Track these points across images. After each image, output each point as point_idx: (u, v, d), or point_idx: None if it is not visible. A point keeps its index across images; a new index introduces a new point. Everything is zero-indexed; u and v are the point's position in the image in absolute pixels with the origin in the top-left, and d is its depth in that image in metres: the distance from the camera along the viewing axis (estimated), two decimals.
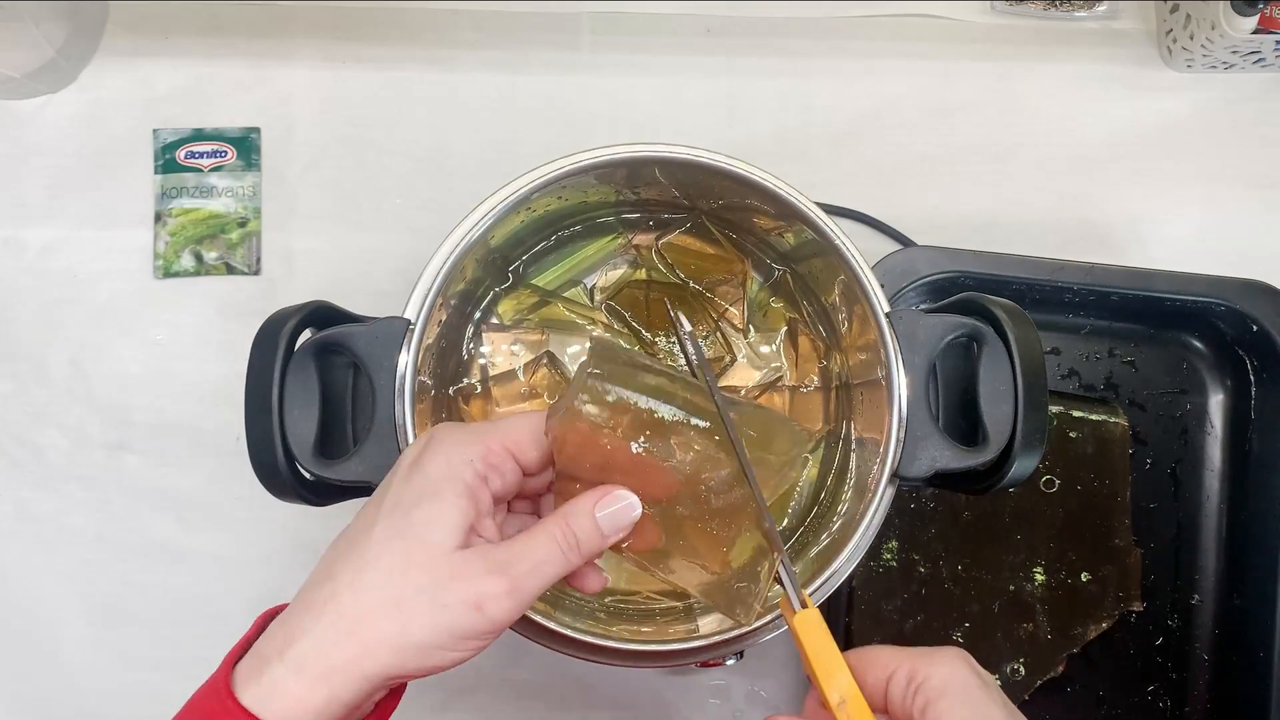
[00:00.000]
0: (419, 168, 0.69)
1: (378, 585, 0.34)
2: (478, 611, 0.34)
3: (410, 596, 0.34)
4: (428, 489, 0.35)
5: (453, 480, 0.35)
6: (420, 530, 0.34)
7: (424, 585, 0.34)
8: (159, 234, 0.68)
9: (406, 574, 0.34)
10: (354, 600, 0.34)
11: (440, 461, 0.36)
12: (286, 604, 0.37)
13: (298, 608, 0.35)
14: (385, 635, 0.34)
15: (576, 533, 0.36)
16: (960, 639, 0.62)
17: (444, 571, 0.34)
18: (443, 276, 0.47)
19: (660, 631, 0.49)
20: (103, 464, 0.66)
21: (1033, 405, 0.44)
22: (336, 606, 0.34)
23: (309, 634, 0.34)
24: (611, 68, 0.71)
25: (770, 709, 0.64)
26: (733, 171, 0.49)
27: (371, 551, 0.35)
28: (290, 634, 0.34)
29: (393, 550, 0.34)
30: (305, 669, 0.33)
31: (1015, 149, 0.71)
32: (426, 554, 0.34)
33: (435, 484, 0.35)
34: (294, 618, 0.35)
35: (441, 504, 0.35)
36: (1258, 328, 0.61)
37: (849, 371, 0.54)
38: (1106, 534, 0.63)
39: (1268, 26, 0.64)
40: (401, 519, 0.35)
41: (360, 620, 0.34)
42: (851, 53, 0.72)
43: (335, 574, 0.35)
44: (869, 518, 0.46)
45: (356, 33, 0.71)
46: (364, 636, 0.34)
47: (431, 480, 0.35)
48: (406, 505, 0.35)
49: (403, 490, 0.36)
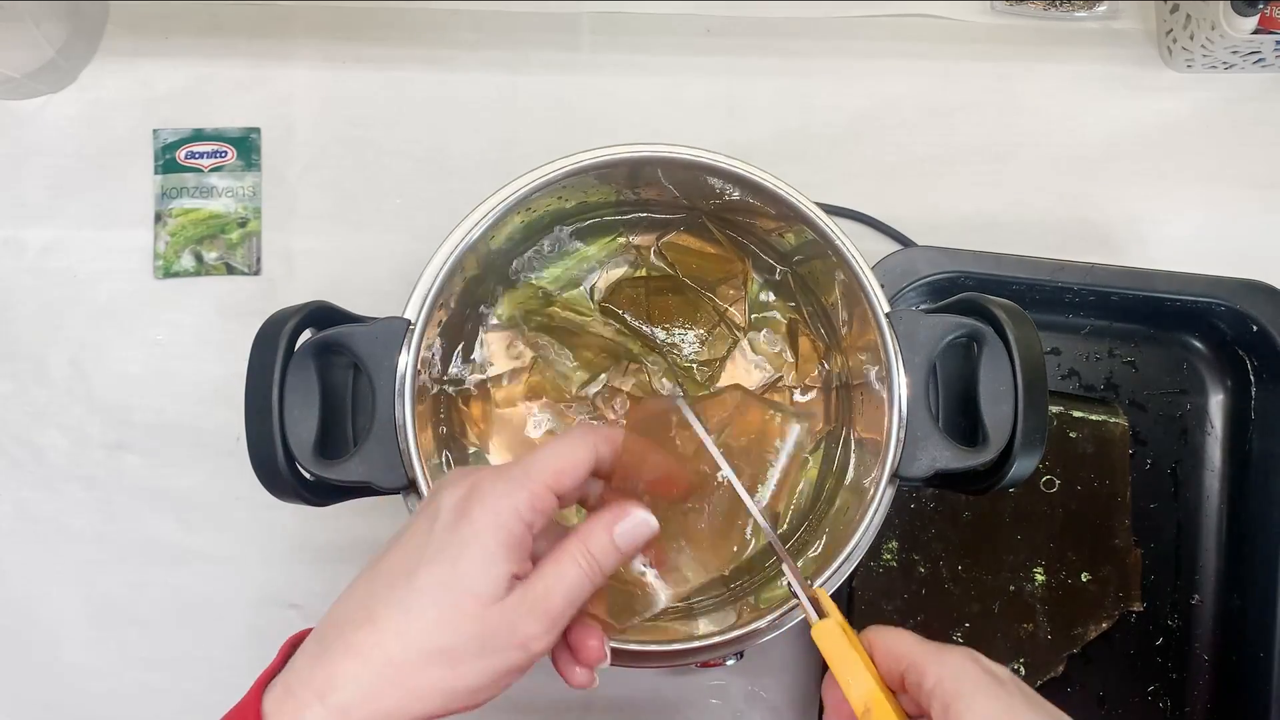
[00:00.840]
0: (419, 168, 0.69)
1: (427, 633, 0.35)
2: (523, 650, 0.36)
3: (460, 646, 0.35)
4: (474, 541, 0.36)
5: (498, 530, 0.36)
6: (469, 583, 0.35)
7: (474, 634, 0.35)
8: (159, 234, 0.68)
9: (457, 625, 0.35)
10: (402, 648, 0.34)
11: (488, 514, 0.36)
12: (310, 629, 0.37)
13: (338, 649, 0.35)
14: (435, 682, 0.35)
15: (596, 554, 0.37)
16: (960, 639, 0.62)
17: (493, 622, 0.35)
18: (443, 276, 0.47)
19: (661, 632, 0.49)
20: (103, 464, 0.66)
21: (1033, 405, 0.44)
22: (384, 654, 0.34)
23: (356, 680, 0.34)
24: (611, 68, 0.71)
25: (770, 709, 0.64)
26: (733, 171, 0.49)
27: (418, 600, 0.35)
28: (331, 678, 0.34)
29: (440, 602, 0.35)
30: (349, 714, 0.34)
31: (1015, 149, 0.71)
32: (476, 605, 0.35)
33: (482, 536, 0.36)
34: (336, 661, 0.35)
35: (489, 556, 0.35)
36: (1258, 328, 0.61)
37: (849, 371, 0.54)
38: (1106, 534, 0.63)
39: (1268, 26, 0.64)
40: (449, 569, 0.35)
41: (410, 669, 0.34)
42: (851, 53, 0.72)
43: (378, 618, 0.35)
44: (869, 518, 0.46)
45: (356, 33, 0.71)
46: (414, 684, 0.34)
47: (478, 532, 0.36)
48: (453, 555, 0.35)
49: (448, 538, 0.36)
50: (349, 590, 0.37)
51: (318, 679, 0.34)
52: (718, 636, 0.45)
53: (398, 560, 0.36)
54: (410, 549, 0.36)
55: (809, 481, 0.55)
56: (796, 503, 0.55)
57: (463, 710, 0.36)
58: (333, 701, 0.34)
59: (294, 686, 0.35)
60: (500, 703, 0.65)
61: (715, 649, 0.45)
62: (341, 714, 0.34)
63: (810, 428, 0.55)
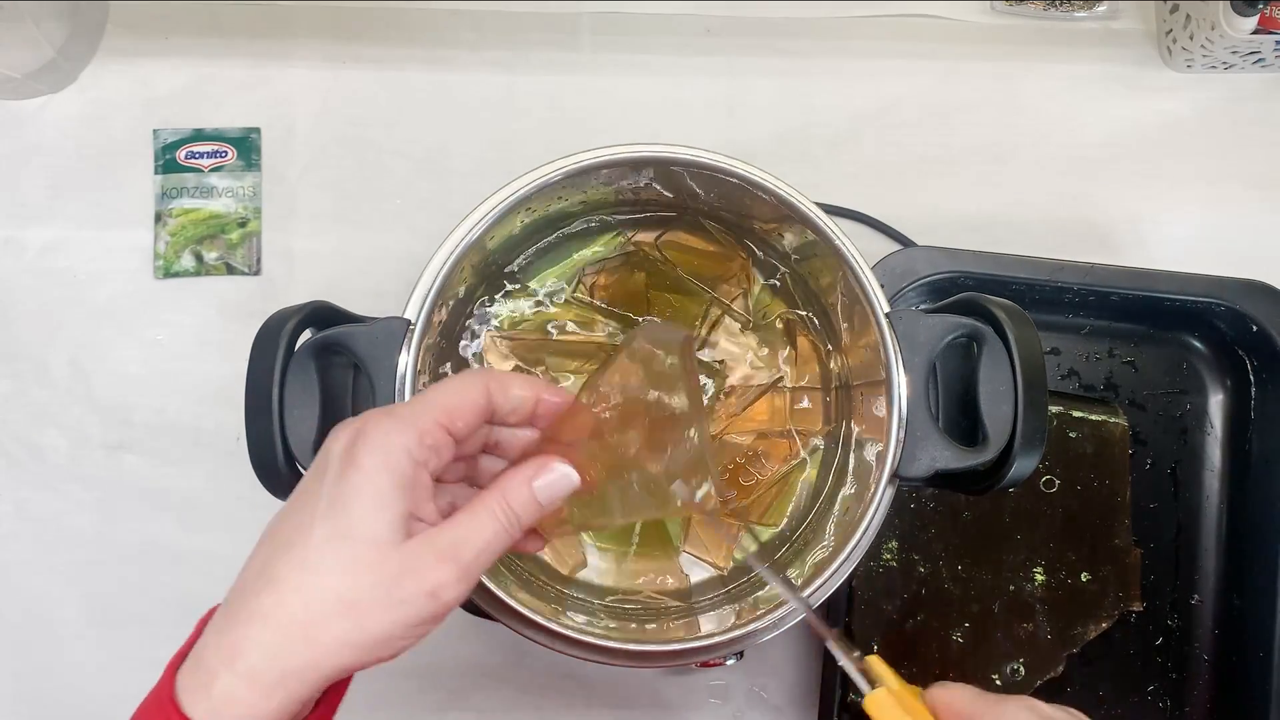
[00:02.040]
0: (419, 168, 0.69)
1: (328, 587, 0.34)
2: (432, 599, 0.34)
3: (365, 596, 0.34)
4: (365, 485, 0.35)
5: (390, 472, 0.35)
6: (364, 529, 0.34)
7: (377, 582, 0.34)
8: (159, 234, 0.68)
9: (357, 574, 0.34)
10: (304, 605, 0.34)
11: (376, 455, 0.35)
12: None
13: (241, 615, 0.35)
14: (342, 635, 0.34)
15: (515, 508, 0.36)
16: (960, 639, 0.62)
17: (394, 567, 0.34)
18: (442, 277, 0.47)
19: (661, 632, 0.49)
20: (103, 464, 0.66)
21: (1033, 405, 0.44)
22: (288, 613, 0.34)
23: (259, 644, 0.34)
24: (611, 68, 0.71)
25: (770, 709, 0.64)
26: (733, 171, 0.49)
27: (315, 554, 0.34)
28: (237, 644, 0.34)
29: (338, 551, 0.34)
30: (258, 677, 0.33)
31: (1015, 149, 0.71)
32: (375, 552, 0.34)
33: (372, 479, 0.35)
34: (239, 627, 0.34)
35: (381, 499, 0.35)
36: (1258, 328, 0.61)
37: (849, 372, 0.54)
38: (1106, 534, 0.63)
39: (1268, 26, 0.64)
40: (342, 519, 0.34)
41: (314, 624, 0.34)
42: (851, 53, 0.72)
43: (278, 577, 0.34)
44: (869, 518, 0.46)
45: (356, 33, 0.71)
46: (320, 639, 0.34)
47: (368, 475, 0.35)
48: (345, 503, 0.35)
49: (339, 488, 0.35)
50: (251, 557, 0.36)
51: (225, 647, 0.34)
52: (718, 636, 0.45)
53: (293, 519, 0.36)
54: (304, 505, 0.36)
55: (808, 482, 0.55)
56: (796, 503, 0.55)
57: (378, 661, 0.35)
58: (240, 667, 0.33)
59: (204, 658, 0.34)
60: (501, 702, 0.65)
61: (715, 649, 0.45)
62: (250, 678, 0.33)
63: (802, 467, 0.55)
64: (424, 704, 0.64)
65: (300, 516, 0.35)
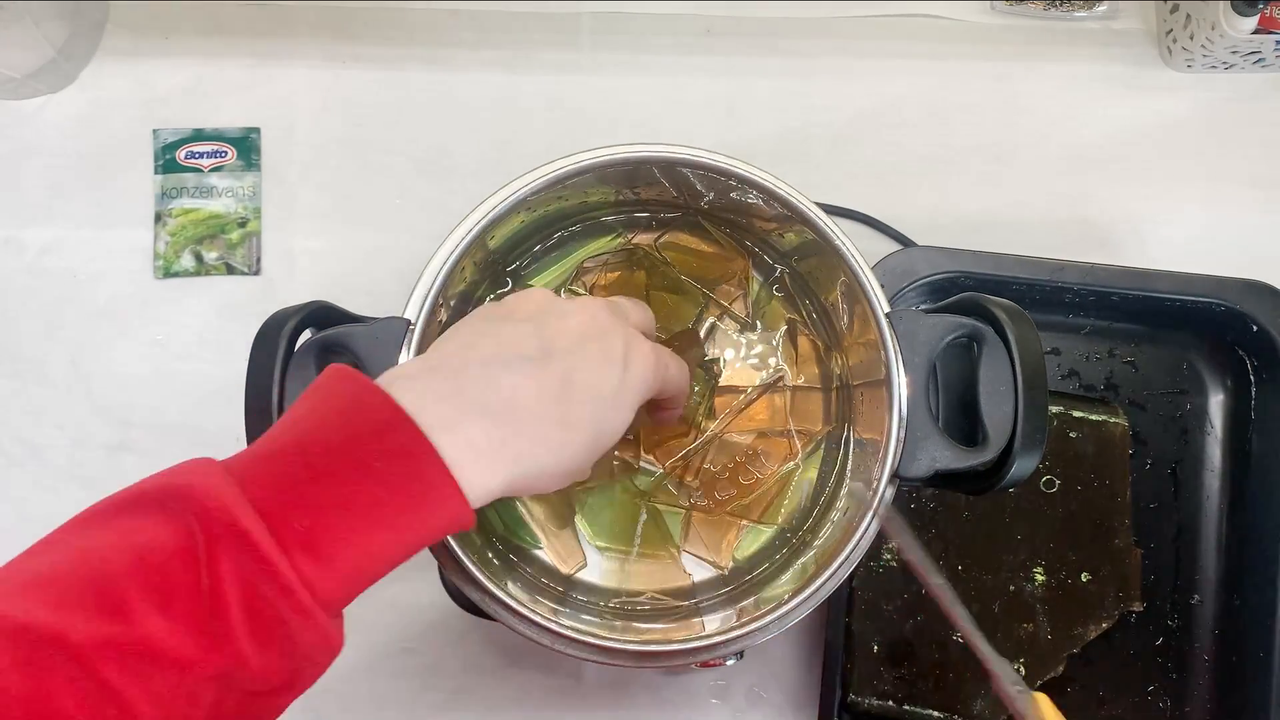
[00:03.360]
0: (419, 168, 0.69)
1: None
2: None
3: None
4: (634, 399, 0.40)
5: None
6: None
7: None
8: (159, 234, 0.68)
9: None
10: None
11: (643, 389, 0.41)
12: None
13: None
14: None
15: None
16: (960, 639, 0.62)
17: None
18: (442, 277, 0.47)
19: (665, 632, 0.49)
20: (103, 464, 0.66)
21: (1033, 405, 0.44)
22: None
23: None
24: (611, 68, 0.71)
25: (771, 709, 0.64)
26: (733, 171, 0.49)
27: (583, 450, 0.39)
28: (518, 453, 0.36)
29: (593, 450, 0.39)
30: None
31: (1015, 149, 0.71)
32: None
33: (638, 397, 0.41)
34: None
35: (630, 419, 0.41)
36: (1258, 328, 0.61)
37: (849, 372, 0.54)
38: (1106, 534, 0.63)
39: (1268, 26, 0.64)
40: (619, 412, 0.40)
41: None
42: (851, 53, 0.72)
43: (568, 442, 0.38)
44: (869, 518, 0.46)
45: (356, 33, 0.71)
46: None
47: (638, 393, 0.41)
48: (622, 401, 0.40)
49: (623, 391, 0.40)
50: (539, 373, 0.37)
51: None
52: (718, 636, 0.45)
53: (595, 372, 0.38)
54: (606, 374, 0.38)
55: (808, 482, 0.55)
56: (796, 503, 0.55)
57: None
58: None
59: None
60: (501, 702, 0.65)
61: (715, 649, 0.45)
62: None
63: (797, 467, 0.55)
64: (424, 704, 0.64)
65: (601, 378, 0.38)
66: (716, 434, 0.55)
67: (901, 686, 0.61)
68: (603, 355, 0.38)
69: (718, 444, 0.55)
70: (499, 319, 0.39)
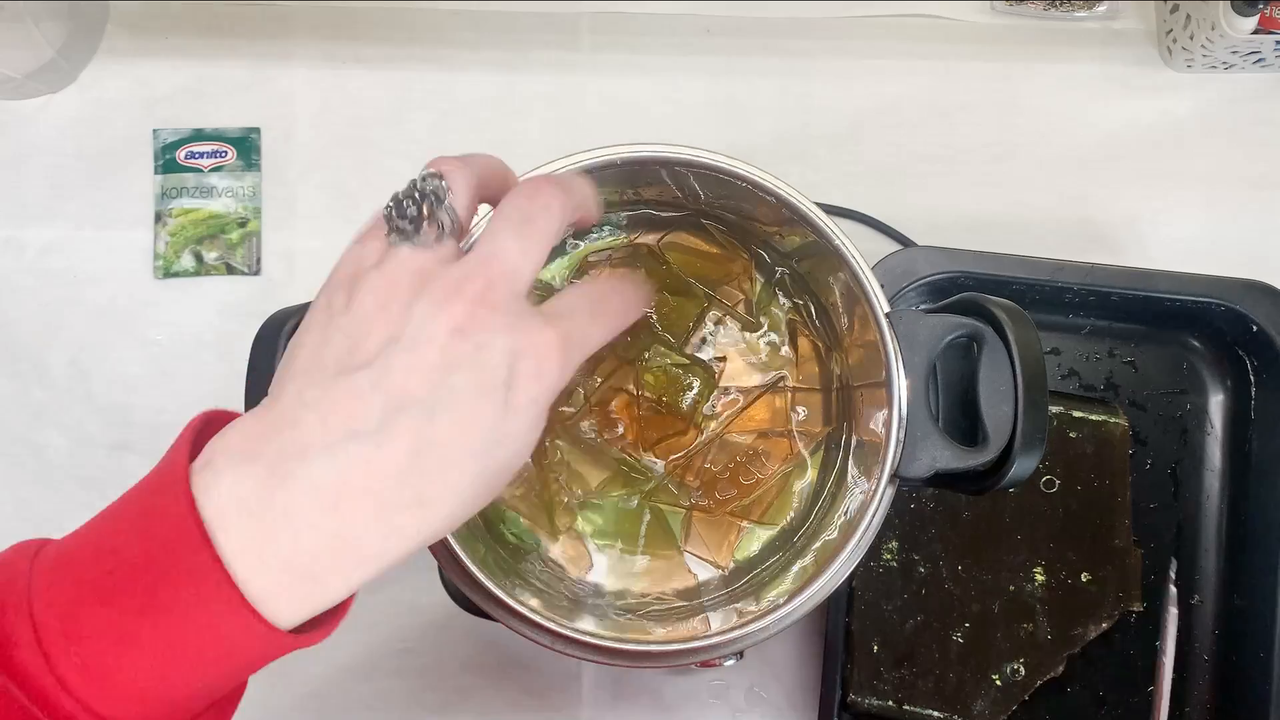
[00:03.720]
0: (419, 168, 0.69)
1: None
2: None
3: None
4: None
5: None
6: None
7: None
8: (159, 234, 0.68)
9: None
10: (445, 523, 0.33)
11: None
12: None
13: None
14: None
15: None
16: (960, 639, 0.62)
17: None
18: None
19: (665, 632, 0.49)
20: (103, 464, 0.66)
21: (1033, 405, 0.44)
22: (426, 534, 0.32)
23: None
24: (611, 68, 0.71)
25: (771, 709, 0.64)
26: (733, 171, 0.48)
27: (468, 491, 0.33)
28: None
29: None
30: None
31: (1015, 149, 0.71)
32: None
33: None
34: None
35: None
36: (1258, 328, 0.61)
37: (849, 372, 0.54)
38: (1106, 534, 0.63)
39: (1268, 26, 0.64)
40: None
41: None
42: (851, 53, 0.72)
43: (428, 501, 0.31)
44: (869, 518, 0.46)
45: (356, 33, 0.71)
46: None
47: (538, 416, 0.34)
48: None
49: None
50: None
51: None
52: (718, 636, 0.45)
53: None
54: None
55: (808, 482, 0.55)
56: (796, 503, 0.55)
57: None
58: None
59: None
60: (502, 702, 0.65)
61: (715, 649, 0.45)
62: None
63: (799, 470, 0.55)
64: (423, 704, 0.64)
65: (471, 422, 0.31)
66: (717, 434, 0.55)
67: (901, 686, 0.61)
68: (474, 387, 0.30)
69: (718, 444, 0.55)
70: (333, 367, 0.30)
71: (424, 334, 0.30)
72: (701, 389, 0.54)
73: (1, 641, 0.27)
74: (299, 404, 0.30)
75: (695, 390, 0.54)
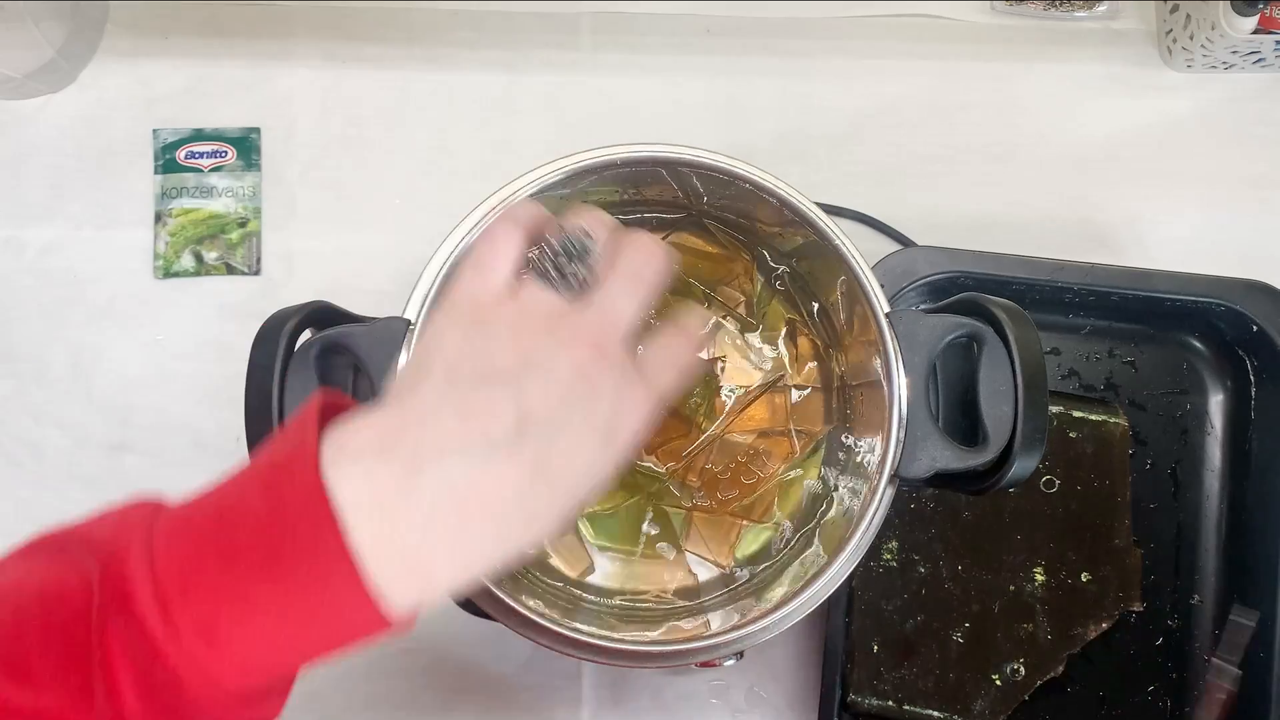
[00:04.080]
0: (419, 168, 0.69)
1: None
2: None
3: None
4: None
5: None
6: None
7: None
8: (159, 234, 0.68)
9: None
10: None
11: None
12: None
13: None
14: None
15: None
16: (960, 639, 0.62)
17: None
18: (442, 277, 0.47)
19: (665, 632, 0.49)
20: (103, 464, 0.66)
21: (1033, 405, 0.44)
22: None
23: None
24: (611, 68, 0.71)
25: (770, 709, 0.64)
26: (733, 171, 0.49)
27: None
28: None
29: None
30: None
31: (1015, 149, 0.71)
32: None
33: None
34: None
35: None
36: (1258, 328, 0.61)
37: (849, 372, 0.54)
38: (1106, 534, 0.63)
39: (1268, 26, 0.64)
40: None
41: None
42: (851, 53, 0.72)
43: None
44: (869, 518, 0.46)
45: (356, 33, 0.71)
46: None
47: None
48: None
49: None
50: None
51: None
52: (718, 636, 0.45)
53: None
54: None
55: (809, 482, 0.55)
56: (797, 503, 0.55)
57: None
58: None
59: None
60: (501, 702, 0.65)
61: (715, 649, 0.45)
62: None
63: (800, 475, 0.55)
64: (423, 704, 0.64)
65: (578, 456, 0.33)
66: (718, 434, 0.55)
67: (901, 686, 0.61)
68: (585, 425, 0.32)
69: (719, 444, 0.55)
70: (472, 376, 0.32)
71: (554, 364, 0.32)
72: (702, 389, 0.54)
73: (123, 587, 0.29)
74: (438, 403, 0.32)
75: (696, 391, 0.54)
